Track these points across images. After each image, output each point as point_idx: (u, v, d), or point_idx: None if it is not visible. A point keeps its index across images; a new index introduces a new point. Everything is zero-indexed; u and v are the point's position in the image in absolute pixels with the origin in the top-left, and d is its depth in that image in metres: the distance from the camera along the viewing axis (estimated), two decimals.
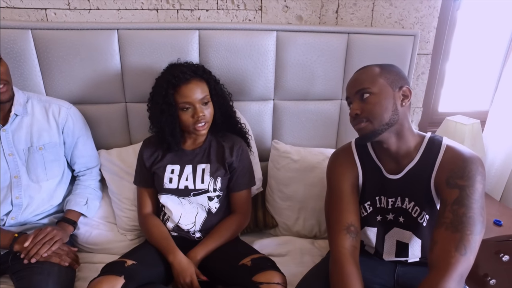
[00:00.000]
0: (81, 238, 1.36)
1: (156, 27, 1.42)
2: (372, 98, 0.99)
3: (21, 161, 1.22)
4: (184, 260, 1.17)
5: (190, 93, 1.19)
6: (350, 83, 1.07)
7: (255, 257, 1.17)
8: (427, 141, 1.04)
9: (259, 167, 1.54)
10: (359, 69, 1.07)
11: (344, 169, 1.12)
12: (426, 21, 1.70)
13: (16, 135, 1.21)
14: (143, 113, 1.49)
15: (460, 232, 0.88)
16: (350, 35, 1.53)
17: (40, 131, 1.25)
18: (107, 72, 1.43)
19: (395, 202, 1.08)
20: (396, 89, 1.00)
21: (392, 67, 1.05)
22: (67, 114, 1.30)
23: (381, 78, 1.00)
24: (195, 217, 1.29)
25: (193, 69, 1.23)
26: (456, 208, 0.91)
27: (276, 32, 1.48)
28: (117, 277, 1.04)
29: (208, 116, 1.23)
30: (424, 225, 1.06)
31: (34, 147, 1.23)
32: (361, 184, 1.12)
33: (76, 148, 1.35)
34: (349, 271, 0.98)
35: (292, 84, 1.56)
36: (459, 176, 0.94)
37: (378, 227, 1.13)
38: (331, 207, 1.10)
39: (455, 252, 0.86)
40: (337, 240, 1.03)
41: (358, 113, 1.00)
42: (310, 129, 1.65)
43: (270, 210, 1.55)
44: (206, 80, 1.25)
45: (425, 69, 1.79)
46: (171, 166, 1.29)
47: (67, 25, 1.36)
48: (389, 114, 0.99)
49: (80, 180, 1.39)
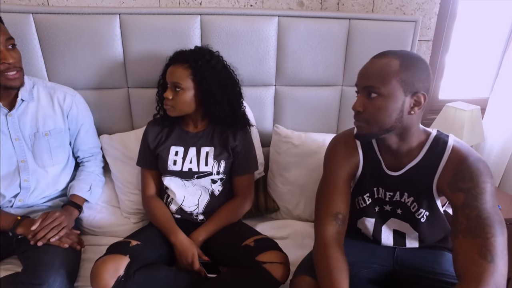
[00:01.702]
0: (85, 221, 1.38)
1: (158, 12, 1.42)
2: (378, 100, 0.91)
3: (27, 146, 1.23)
4: (185, 240, 1.19)
5: (169, 75, 1.24)
6: (362, 72, 0.96)
7: (258, 238, 1.19)
8: (432, 140, 0.99)
9: (261, 152, 1.56)
10: (378, 56, 0.95)
11: (343, 157, 1.08)
12: (427, 7, 1.70)
13: (22, 120, 1.22)
14: (145, 99, 1.51)
15: (480, 237, 0.84)
16: (351, 21, 1.53)
17: (45, 117, 1.26)
18: (109, 57, 1.43)
19: (393, 196, 1.07)
20: (408, 94, 0.91)
21: (417, 63, 0.91)
22: (71, 101, 1.31)
23: (396, 78, 0.89)
24: (198, 199, 1.31)
25: (189, 53, 1.25)
26: (468, 211, 0.88)
27: (277, 17, 1.48)
28: (122, 256, 1.06)
29: (174, 101, 1.23)
30: (423, 221, 1.05)
31: (40, 133, 1.24)
32: (359, 174, 1.09)
33: (79, 135, 1.36)
34: (332, 254, 0.97)
35: (293, 70, 1.57)
36: (461, 178, 0.91)
37: (376, 218, 1.13)
38: (323, 192, 1.08)
39: (480, 260, 0.82)
40: (323, 226, 1.02)
41: (360, 110, 0.95)
42: (311, 115, 1.66)
43: (272, 194, 1.57)
44: (192, 68, 1.22)
45: (426, 56, 1.79)
46: (175, 148, 1.30)
47: (69, 9, 1.36)
48: (391, 120, 0.92)
49: (84, 166, 1.41)
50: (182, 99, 1.23)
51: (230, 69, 1.32)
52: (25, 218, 1.17)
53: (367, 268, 1.11)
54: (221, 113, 1.27)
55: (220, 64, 1.28)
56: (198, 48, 1.29)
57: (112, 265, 1.03)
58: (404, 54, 0.92)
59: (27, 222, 1.16)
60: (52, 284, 1.02)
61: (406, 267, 1.11)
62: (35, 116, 1.24)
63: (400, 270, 1.11)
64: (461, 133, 1.61)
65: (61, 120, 1.29)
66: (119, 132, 1.53)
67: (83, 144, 1.38)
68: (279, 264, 1.08)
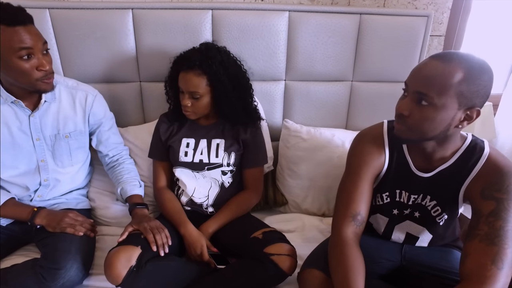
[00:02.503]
0: (98, 212, 1.43)
1: (170, 6, 1.43)
2: (428, 110, 0.86)
3: (47, 146, 1.25)
4: (194, 232, 1.22)
5: (184, 83, 1.24)
6: (418, 73, 0.88)
7: (266, 230, 1.21)
8: (468, 145, 0.96)
9: (270, 146, 1.57)
10: (441, 58, 0.85)
11: (368, 156, 1.04)
12: (440, 2, 1.68)
13: (43, 121, 1.23)
14: (157, 92, 1.53)
15: (497, 246, 0.84)
16: (362, 15, 1.53)
17: (66, 118, 1.26)
18: (122, 52, 1.46)
19: (416, 199, 1.05)
20: (463, 108, 0.85)
21: (482, 77, 0.83)
22: (93, 101, 1.31)
23: (455, 90, 0.82)
24: (209, 191, 1.33)
25: (200, 58, 1.22)
26: (492, 220, 0.86)
27: (288, 12, 1.49)
28: (134, 247, 1.09)
29: (194, 107, 1.25)
30: (441, 224, 1.05)
31: (60, 135, 1.25)
32: (383, 174, 1.06)
33: (102, 134, 1.36)
34: (349, 254, 0.95)
35: (303, 65, 1.57)
36: (497, 189, 0.89)
37: (390, 218, 1.12)
38: (344, 191, 1.05)
39: (492, 266, 0.82)
40: (341, 225, 0.99)
41: (405, 114, 0.89)
42: (321, 110, 1.67)
43: (280, 188, 1.59)
44: (207, 73, 1.22)
45: (438, 51, 1.76)
46: (186, 140, 1.33)
47: (83, 4, 1.38)
48: (436, 132, 0.89)
49: (119, 165, 1.39)
50: (201, 104, 1.25)
51: (240, 63, 1.34)
52: (41, 209, 1.21)
53: (376, 263, 1.12)
54: (233, 111, 1.29)
55: (231, 61, 1.29)
56: (205, 47, 1.28)
57: (124, 256, 1.06)
58: (470, 64, 0.84)
59: (43, 213, 1.19)
60: (69, 269, 1.06)
61: (413, 263, 1.11)
62: (56, 117, 1.25)
63: (408, 266, 1.12)
64: (472, 130, 1.60)
65: (81, 122, 1.30)
66: (131, 125, 1.56)
67: (108, 141, 1.38)
68: (286, 256, 1.10)
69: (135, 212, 1.25)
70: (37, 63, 1.06)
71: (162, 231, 1.16)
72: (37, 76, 1.08)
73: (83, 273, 1.12)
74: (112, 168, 1.40)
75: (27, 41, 1.02)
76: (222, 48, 1.31)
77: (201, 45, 1.30)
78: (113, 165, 1.40)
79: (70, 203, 1.34)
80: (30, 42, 1.03)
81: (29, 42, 1.03)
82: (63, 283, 1.06)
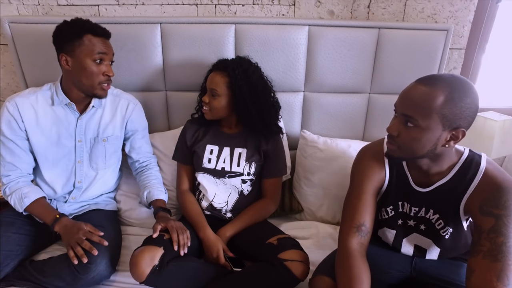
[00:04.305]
0: (124, 213, 1.53)
1: (196, 21, 1.52)
2: (414, 132, 0.91)
3: (86, 148, 1.36)
4: (212, 236, 1.29)
5: (209, 81, 1.36)
6: (404, 96, 0.94)
7: (281, 237, 1.27)
8: (464, 160, 0.99)
9: (289, 155, 1.63)
10: (425, 81, 0.91)
11: (370, 170, 1.09)
12: (460, 15, 1.68)
13: (88, 124, 1.35)
14: (182, 101, 1.62)
15: (501, 262, 0.85)
16: (381, 29, 1.56)
17: (107, 123, 1.37)
18: (150, 63, 1.56)
19: (419, 211, 1.08)
20: (447, 129, 0.90)
21: (464, 99, 0.87)
22: (133, 109, 1.43)
23: (438, 113, 0.87)
24: (228, 197, 1.41)
25: (228, 63, 1.34)
26: (493, 236, 0.88)
27: (308, 26, 1.54)
28: (158, 248, 1.17)
29: (211, 105, 1.34)
30: (447, 237, 1.07)
31: (99, 138, 1.37)
32: (385, 189, 1.11)
33: (136, 141, 1.46)
34: (354, 264, 0.98)
35: (321, 77, 1.62)
36: (494, 205, 0.91)
37: (397, 230, 1.15)
38: (348, 204, 1.10)
39: (498, 282, 0.84)
40: (346, 236, 1.03)
41: (395, 135, 0.95)
42: (338, 121, 1.71)
43: (296, 196, 1.64)
44: (229, 76, 1.31)
45: (457, 64, 1.78)
46: (211, 146, 1.41)
47: (117, 19, 1.49)
48: (424, 151, 0.94)
49: (149, 172, 1.47)
50: (217, 104, 1.33)
51: (267, 80, 1.40)
52: (62, 217, 1.26)
53: (385, 272, 1.15)
54: (249, 120, 1.36)
55: (256, 74, 1.36)
56: (239, 58, 1.39)
57: (148, 255, 1.14)
58: (453, 86, 0.88)
59: (63, 222, 1.24)
60: (99, 264, 1.16)
61: (423, 276, 1.14)
62: (98, 121, 1.36)
63: (418, 277, 1.14)
64: (490, 144, 1.60)
65: (119, 127, 1.40)
66: (157, 132, 1.65)
67: (141, 149, 1.47)
68: (299, 263, 1.15)
69: (160, 215, 1.32)
70: (105, 69, 1.25)
71: (185, 232, 1.24)
72: (101, 79, 1.26)
73: (111, 268, 1.21)
74: (141, 172, 1.49)
75: (103, 49, 1.23)
76: (255, 63, 1.39)
77: (237, 56, 1.42)
78: (141, 170, 1.49)
79: (100, 204, 1.44)
80: (105, 50, 1.24)
81: (104, 49, 1.24)
82: (94, 277, 1.15)
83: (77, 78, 1.24)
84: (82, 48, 1.20)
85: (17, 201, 1.26)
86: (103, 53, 1.23)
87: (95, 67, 1.23)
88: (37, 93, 1.30)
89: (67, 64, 1.22)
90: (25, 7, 1.55)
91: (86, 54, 1.21)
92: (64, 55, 1.21)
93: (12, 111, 1.25)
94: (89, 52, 1.21)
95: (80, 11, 1.57)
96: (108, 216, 1.43)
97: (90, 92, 1.28)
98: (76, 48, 1.20)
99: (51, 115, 1.30)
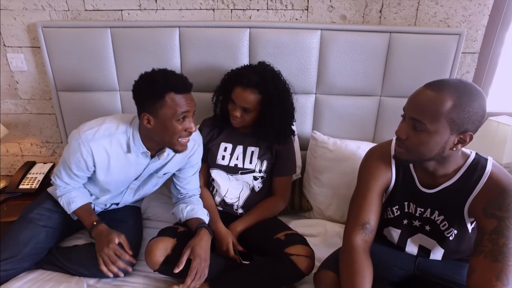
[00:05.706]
0: (144, 209, 1.62)
1: (212, 25, 1.59)
2: (422, 135, 0.93)
3: (142, 179, 1.39)
4: (223, 230, 1.35)
5: (240, 98, 1.33)
6: (412, 100, 0.96)
7: (289, 233, 1.32)
8: (470, 163, 1.02)
9: (299, 155, 1.68)
10: (433, 86, 0.92)
11: (377, 171, 1.12)
12: (474, 19, 1.69)
13: (153, 165, 1.33)
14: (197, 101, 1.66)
15: (501, 262, 0.88)
16: (392, 34, 1.59)
17: (169, 163, 1.36)
18: (168, 64, 1.63)
19: (424, 212, 1.11)
20: (455, 133, 0.92)
21: (472, 103, 0.89)
22: (196, 150, 1.40)
23: (446, 117, 0.89)
24: (240, 193, 1.47)
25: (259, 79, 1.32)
26: (495, 238, 0.90)
27: (320, 31, 1.59)
28: (171, 239, 1.25)
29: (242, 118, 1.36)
30: (451, 239, 1.09)
31: (156, 174, 1.38)
32: (391, 189, 1.14)
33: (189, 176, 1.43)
34: (357, 260, 1.01)
35: (333, 80, 1.66)
36: (497, 207, 0.93)
37: (402, 230, 1.18)
38: (354, 201, 1.13)
39: (497, 282, 0.86)
40: (351, 233, 1.07)
41: (403, 138, 0.97)
42: (348, 123, 1.74)
43: (306, 195, 1.69)
44: (262, 93, 1.33)
45: (470, 68, 1.78)
46: (225, 144, 1.47)
47: (138, 23, 1.58)
48: (432, 154, 0.96)
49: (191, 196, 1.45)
50: (249, 117, 1.38)
51: (288, 86, 1.43)
52: (99, 224, 1.29)
53: (389, 270, 1.18)
54: (270, 131, 1.39)
55: (282, 84, 1.39)
56: (263, 68, 1.38)
57: (162, 245, 1.21)
58: (461, 91, 0.89)
59: (98, 229, 1.27)
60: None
61: (427, 275, 1.16)
62: (163, 164, 1.35)
63: (421, 276, 1.17)
64: (502, 148, 1.59)
65: (177, 165, 1.38)
66: None
67: (189, 184, 1.44)
68: (304, 257, 1.20)
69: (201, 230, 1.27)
70: (188, 126, 1.18)
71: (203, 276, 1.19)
72: (182, 135, 1.19)
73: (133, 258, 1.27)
74: (183, 198, 1.45)
75: (186, 107, 1.15)
76: (277, 71, 1.41)
77: (259, 64, 1.42)
78: (183, 196, 1.45)
79: None
80: (188, 108, 1.16)
81: (187, 108, 1.15)
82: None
83: (159, 136, 1.20)
84: (165, 110, 1.13)
85: (66, 204, 1.32)
86: (186, 111, 1.15)
87: (179, 125, 1.16)
88: (112, 137, 1.23)
89: (148, 123, 1.16)
90: (56, 13, 1.66)
91: (169, 115, 1.14)
92: (146, 114, 1.15)
93: (85, 156, 1.21)
94: (172, 113, 1.13)
95: (105, 15, 1.67)
96: (132, 213, 1.51)
97: (169, 147, 1.24)
98: (159, 109, 1.12)
99: (124, 161, 1.27)
